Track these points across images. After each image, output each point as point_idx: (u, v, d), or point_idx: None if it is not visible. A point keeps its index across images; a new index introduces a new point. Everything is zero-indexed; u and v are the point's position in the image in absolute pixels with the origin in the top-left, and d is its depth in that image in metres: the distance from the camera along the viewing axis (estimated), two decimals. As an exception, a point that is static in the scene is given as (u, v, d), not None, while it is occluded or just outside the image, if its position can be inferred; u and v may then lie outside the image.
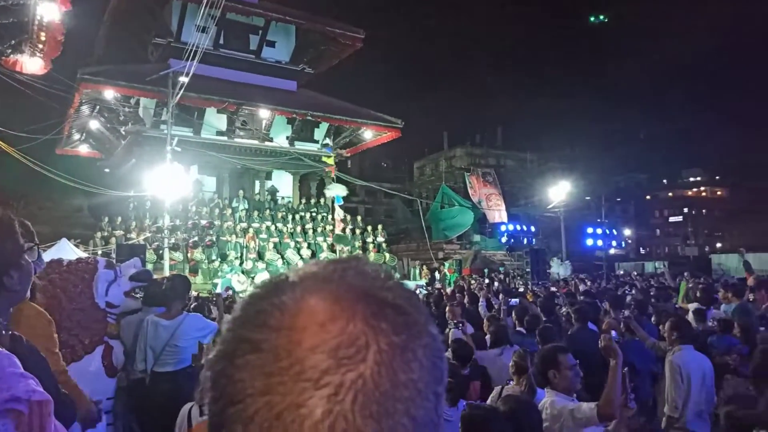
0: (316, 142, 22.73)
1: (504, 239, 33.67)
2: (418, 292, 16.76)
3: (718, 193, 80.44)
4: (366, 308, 0.42)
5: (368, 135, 22.52)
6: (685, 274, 15.08)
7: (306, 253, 18.91)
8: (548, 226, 37.23)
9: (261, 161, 21.16)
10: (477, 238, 34.77)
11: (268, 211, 20.46)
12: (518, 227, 33.43)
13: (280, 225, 19.86)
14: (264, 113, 19.68)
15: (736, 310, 7.36)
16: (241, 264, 17.97)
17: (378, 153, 41.21)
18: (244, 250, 18.54)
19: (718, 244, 66.24)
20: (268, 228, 19.43)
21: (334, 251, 19.31)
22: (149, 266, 12.66)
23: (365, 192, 44.40)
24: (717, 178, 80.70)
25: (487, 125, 64.26)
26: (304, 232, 19.84)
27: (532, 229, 35.09)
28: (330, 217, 20.97)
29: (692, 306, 8.52)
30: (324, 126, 22.19)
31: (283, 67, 22.24)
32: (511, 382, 3.90)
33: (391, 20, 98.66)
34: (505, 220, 32.93)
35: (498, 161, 53.55)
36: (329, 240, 19.82)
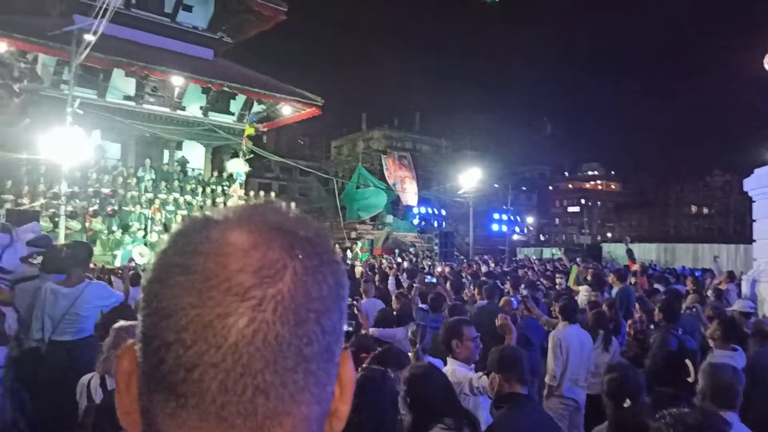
0: (232, 114, 22.05)
1: (416, 221, 34.49)
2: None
3: (612, 186, 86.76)
4: (283, 239, 0.52)
5: (287, 111, 22.11)
6: (578, 259, 16.26)
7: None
8: (458, 211, 38.56)
9: (171, 130, 20.24)
10: (390, 219, 35.37)
11: (177, 182, 19.68)
12: (430, 210, 34.36)
13: (189, 197, 19.19)
14: (177, 80, 18.78)
15: (618, 293, 8.18)
16: (145, 236, 17.26)
17: (295, 130, 40.63)
18: (149, 221, 17.80)
19: (609, 234, 71.47)
20: (176, 200, 18.73)
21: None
22: (44, 234, 11.84)
23: (280, 168, 43.63)
24: (612, 173, 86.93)
25: (406, 110, 65.02)
26: (215, 205, 19.32)
27: (443, 212, 36.19)
28: (242, 192, 20.53)
29: (583, 288, 9.34)
30: (241, 98, 21.55)
31: (199, 33, 21.27)
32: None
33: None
34: (417, 203, 33.67)
35: (414, 145, 54.47)
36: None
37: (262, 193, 21.07)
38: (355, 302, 5.80)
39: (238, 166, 20.18)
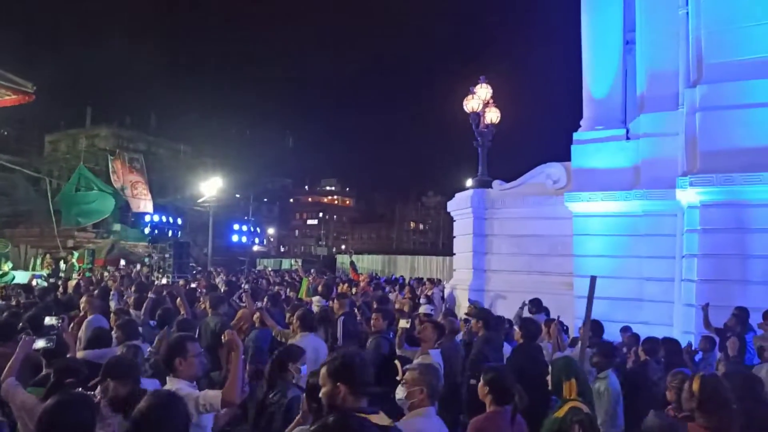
0: None
1: (147, 230, 31.93)
2: (35, 283, 14.50)
3: (347, 201, 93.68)
4: None
5: (-16, 94, 18.36)
6: (312, 270, 17.07)
7: None
8: (197, 220, 36.99)
9: None
10: (117, 227, 32.11)
11: None
12: (164, 219, 32.18)
13: None
14: None
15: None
16: None
17: (-3, 117, 33.97)
18: None
19: (343, 246, 76.59)
20: None
21: None
22: None
23: (-28, 162, 35.92)
24: (347, 189, 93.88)
25: (141, 108, 59.90)
26: None
27: (179, 221, 34.28)
28: None
29: (315, 299, 9.82)
30: None
31: None
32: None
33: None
34: (151, 210, 31.24)
35: (149, 148, 50.54)
36: None
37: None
38: (61, 320, 5.08)
39: None
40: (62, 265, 19.57)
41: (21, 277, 16.15)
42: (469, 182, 14.03)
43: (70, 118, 51.75)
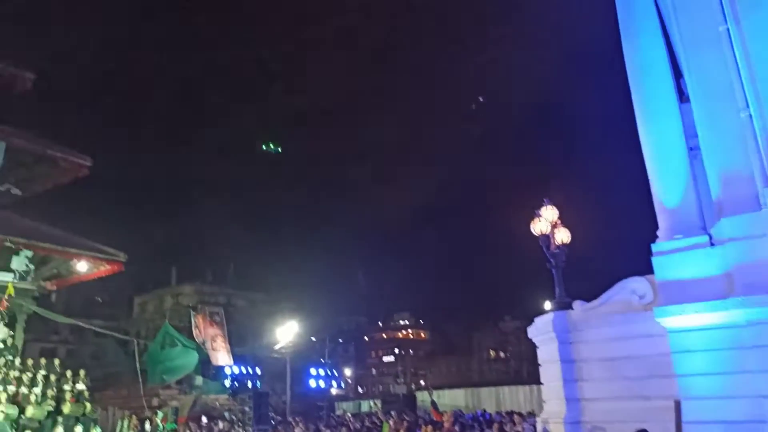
0: (12, 272, 19.30)
1: (227, 382, 32.20)
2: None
3: (422, 335, 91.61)
4: None
5: (83, 267, 20.04)
6: (392, 413, 16.37)
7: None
8: (274, 368, 37.00)
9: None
10: (199, 381, 32.52)
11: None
12: (243, 369, 32.53)
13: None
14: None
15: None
16: None
17: (92, 286, 36.74)
18: None
19: (422, 382, 73.72)
20: None
21: (16, 404, 15.78)
22: None
23: (69, 330, 38.48)
24: (421, 321, 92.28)
25: (220, 263, 63.45)
26: (-22, 381, 15.88)
27: (258, 371, 34.49)
28: (18, 361, 17.30)
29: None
30: (25, 255, 19.11)
31: (-21, 183, 19.05)
32: None
33: (119, 148, 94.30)
34: (231, 362, 31.73)
35: (229, 300, 52.59)
36: (11, 389, 16.13)
37: (43, 360, 18.00)
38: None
39: None
40: (147, 426, 19.67)
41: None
42: (547, 305, 13.56)
43: (158, 279, 55.31)
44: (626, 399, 10.07)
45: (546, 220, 11.99)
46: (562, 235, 12.05)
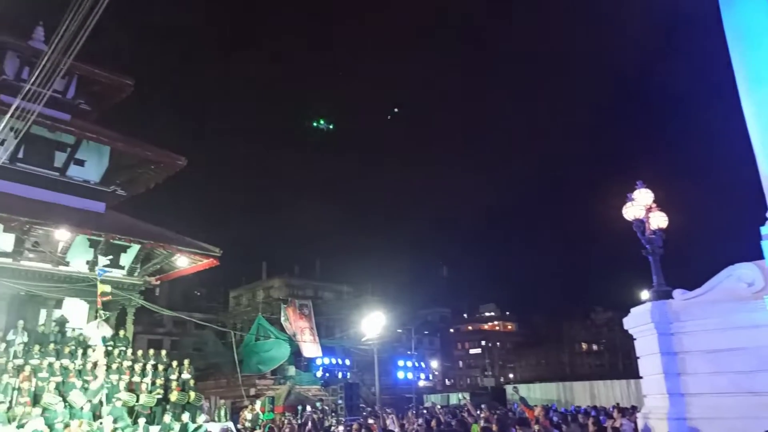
0: (122, 268, 20.99)
1: (319, 373, 33.17)
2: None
3: (509, 327, 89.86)
4: None
5: (182, 262, 21.45)
6: (483, 406, 16.17)
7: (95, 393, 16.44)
8: (363, 359, 37.70)
9: (51, 288, 18.75)
10: (292, 371, 33.77)
11: (52, 345, 17.67)
12: (333, 361, 33.37)
13: (66, 361, 17.18)
14: (62, 234, 17.86)
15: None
16: (9, 410, 14.94)
17: (191, 281, 39.15)
18: (15, 392, 15.56)
19: (511, 375, 72.38)
20: (50, 365, 16.70)
21: (132, 392, 17.14)
22: None
23: (173, 322, 41.20)
24: (507, 313, 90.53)
25: (307, 257, 65.55)
26: (95, 368, 17.38)
27: (347, 362, 35.26)
28: (130, 352, 18.79)
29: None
30: (132, 251, 20.71)
31: (90, 187, 20.78)
32: None
33: (211, 147, 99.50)
34: (320, 353, 32.69)
35: (316, 293, 54.19)
36: (125, 378, 17.54)
37: (151, 351, 19.44)
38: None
39: (103, 330, 17.52)
40: (248, 415, 20.70)
41: (213, 428, 17.31)
42: (644, 294, 12.82)
43: (250, 273, 58.03)
44: (733, 394, 9.36)
45: (640, 204, 11.33)
46: (658, 220, 11.33)
